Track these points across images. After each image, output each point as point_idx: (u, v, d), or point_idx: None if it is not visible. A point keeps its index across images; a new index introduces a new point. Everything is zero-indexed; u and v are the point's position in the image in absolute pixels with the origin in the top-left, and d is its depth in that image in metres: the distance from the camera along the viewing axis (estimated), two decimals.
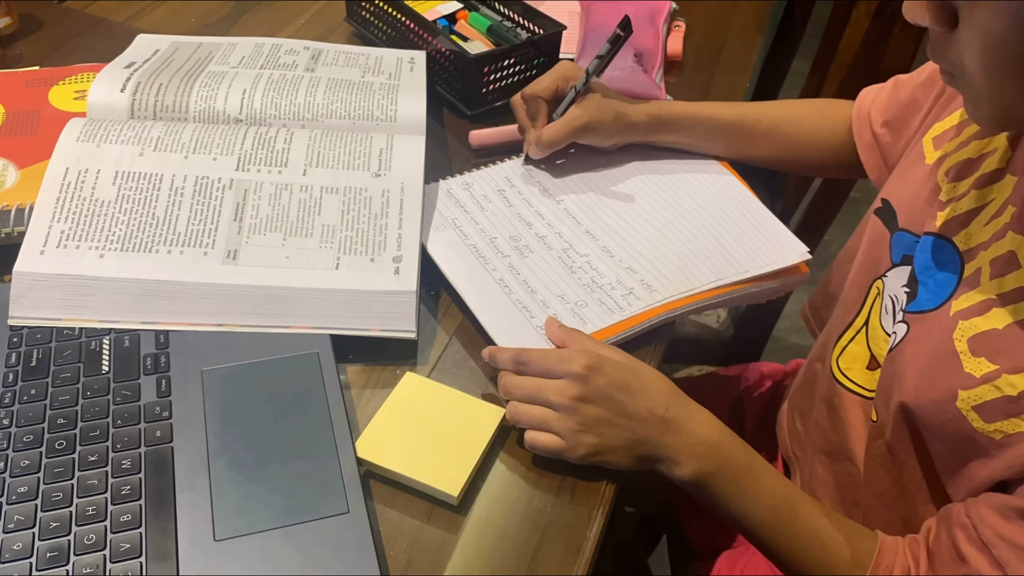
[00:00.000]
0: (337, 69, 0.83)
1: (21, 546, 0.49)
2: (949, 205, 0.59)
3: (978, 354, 0.52)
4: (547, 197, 0.77)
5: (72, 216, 0.64)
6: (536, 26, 0.92)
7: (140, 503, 0.52)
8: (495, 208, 0.76)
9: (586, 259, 0.71)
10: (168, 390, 0.58)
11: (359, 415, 0.60)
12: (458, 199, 0.76)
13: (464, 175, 0.80)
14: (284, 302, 0.63)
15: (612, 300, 0.67)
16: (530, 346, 0.61)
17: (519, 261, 0.70)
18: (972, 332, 0.53)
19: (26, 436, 0.55)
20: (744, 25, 1.11)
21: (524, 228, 0.74)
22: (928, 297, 0.57)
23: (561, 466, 0.58)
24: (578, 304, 0.66)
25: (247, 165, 0.70)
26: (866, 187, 0.79)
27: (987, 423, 0.51)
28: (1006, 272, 0.52)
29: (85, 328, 0.62)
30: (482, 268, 0.69)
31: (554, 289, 0.68)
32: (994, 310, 0.52)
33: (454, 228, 0.73)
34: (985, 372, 0.51)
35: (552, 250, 0.72)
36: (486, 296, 0.67)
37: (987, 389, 0.51)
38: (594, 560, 0.54)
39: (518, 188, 0.78)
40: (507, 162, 0.82)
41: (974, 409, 0.51)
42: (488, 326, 0.64)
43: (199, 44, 0.86)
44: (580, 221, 0.75)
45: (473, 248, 0.71)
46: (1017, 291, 0.51)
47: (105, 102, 0.75)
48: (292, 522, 0.51)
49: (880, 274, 0.65)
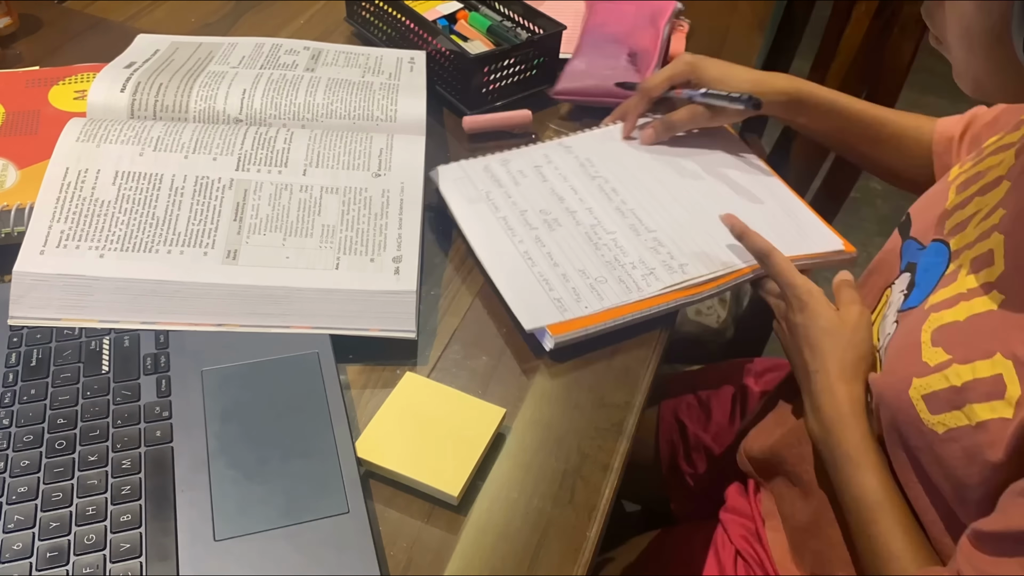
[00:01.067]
0: (337, 69, 0.83)
1: (21, 546, 0.49)
2: (954, 213, 0.60)
3: (936, 344, 0.53)
4: (583, 173, 0.80)
5: (72, 216, 0.64)
6: (536, 26, 0.92)
7: (140, 503, 0.52)
8: (529, 183, 0.78)
9: (612, 237, 0.73)
10: (168, 390, 0.58)
11: (359, 415, 0.60)
12: (494, 174, 0.79)
13: (504, 152, 0.82)
14: (284, 302, 0.63)
15: (632, 279, 0.68)
16: (546, 319, 0.65)
17: (546, 234, 0.72)
18: (937, 324, 0.54)
19: (26, 436, 0.55)
20: (744, 25, 1.11)
21: (556, 202, 0.76)
22: (916, 295, 0.59)
23: (561, 466, 0.58)
24: (598, 280, 0.68)
25: (247, 165, 0.70)
26: (866, 187, 0.80)
27: (932, 415, 0.52)
28: (981, 269, 0.53)
29: (85, 328, 0.62)
30: (508, 240, 0.72)
31: (576, 263, 0.69)
32: (961, 304, 0.53)
33: (487, 201, 0.75)
34: (939, 362, 0.52)
35: (580, 225, 0.74)
36: (509, 268, 0.69)
37: (937, 379, 0.52)
38: (594, 560, 0.54)
39: (555, 164, 0.81)
40: (547, 142, 0.84)
41: (923, 399, 0.53)
42: (507, 295, 0.67)
43: (199, 44, 0.86)
44: (611, 198, 0.77)
45: (503, 220, 0.74)
46: (985, 286, 0.52)
47: (105, 102, 0.75)
48: (292, 522, 0.51)
49: (891, 282, 0.67)
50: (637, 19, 0.98)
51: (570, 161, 0.81)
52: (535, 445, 0.60)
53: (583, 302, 0.66)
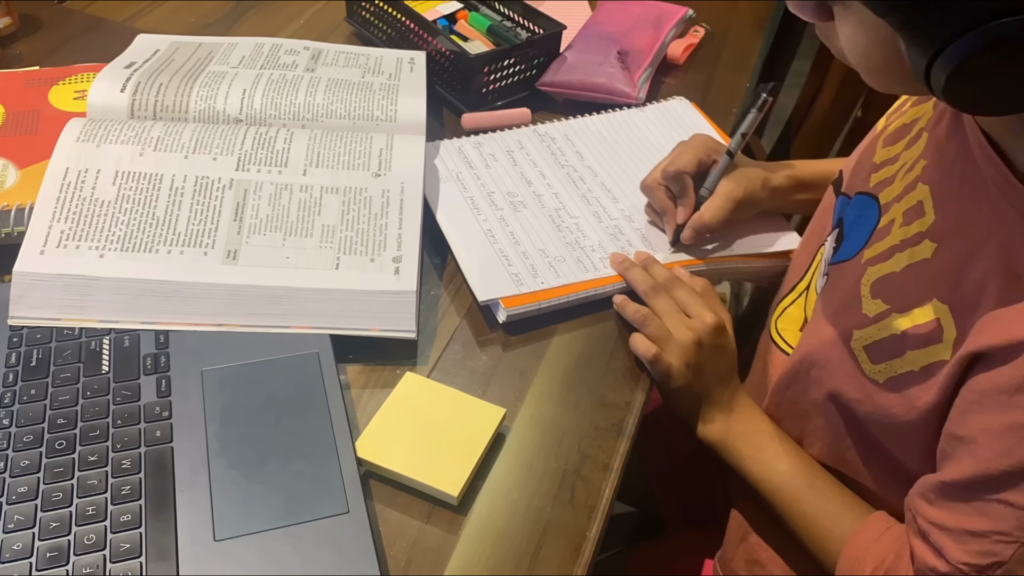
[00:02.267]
0: (337, 69, 0.83)
1: (21, 546, 0.49)
2: (882, 168, 0.61)
3: (876, 296, 0.55)
4: (553, 160, 0.82)
5: (72, 216, 0.64)
6: (536, 26, 0.93)
7: (140, 503, 0.52)
8: (500, 167, 0.80)
9: (575, 221, 0.75)
10: (168, 390, 0.58)
11: (359, 415, 0.60)
12: (466, 155, 0.81)
13: (478, 135, 0.84)
14: (284, 302, 0.63)
15: (590, 261, 0.71)
16: (500, 292, 0.67)
17: (511, 215, 0.75)
18: (875, 276, 0.56)
19: (26, 436, 0.55)
20: (744, 25, 1.11)
21: (524, 186, 0.78)
22: (847, 248, 0.60)
23: (561, 466, 0.58)
24: (556, 259, 0.71)
25: (247, 165, 0.70)
26: None
27: (874, 364, 0.54)
28: (913, 220, 0.54)
29: (85, 328, 0.62)
30: (473, 218, 0.74)
31: (537, 243, 0.72)
32: (896, 255, 0.55)
33: (456, 181, 0.77)
34: (878, 312, 0.54)
35: (545, 208, 0.76)
36: (470, 243, 0.71)
37: (876, 329, 0.54)
38: (594, 560, 0.54)
39: (527, 150, 0.83)
40: (522, 128, 0.86)
41: (864, 349, 0.54)
42: (467, 270, 0.69)
43: (199, 44, 0.86)
44: (578, 186, 0.79)
45: (470, 200, 0.76)
46: (918, 235, 0.53)
47: (105, 102, 0.75)
48: (292, 522, 0.51)
49: (823, 239, 0.67)
50: (639, 20, 0.98)
51: (542, 148, 0.83)
52: (535, 445, 0.60)
53: (540, 278, 0.69)
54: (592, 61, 0.91)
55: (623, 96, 0.89)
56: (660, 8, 1.01)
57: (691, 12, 1.03)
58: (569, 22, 0.97)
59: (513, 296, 0.67)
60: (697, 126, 0.87)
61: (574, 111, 0.90)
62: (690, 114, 0.90)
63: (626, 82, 0.90)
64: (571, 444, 0.60)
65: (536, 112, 0.89)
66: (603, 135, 0.86)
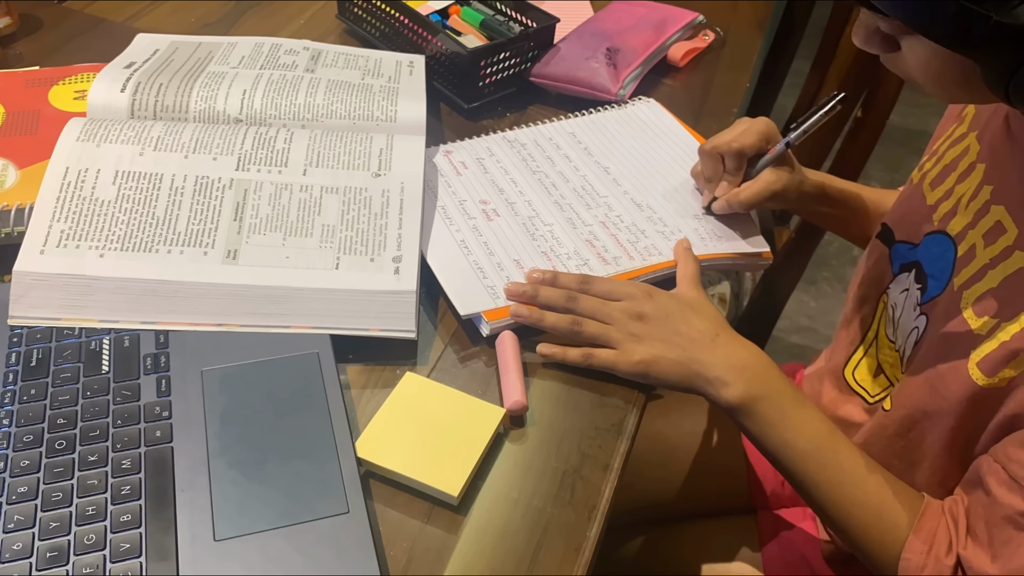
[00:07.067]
0: (337, 71, 0.83)
1: (21, 546, 0.49)
2: (939, 206, 0.63)
3: (981, 315, 0.56)
4: (525, 167, 0.81)
5: (72, 216, 0.64)
6: (528, 19, 0.93)
7: (140, 503, 0.52)
8: (470, 174, 0.79)
9: (549, 228, 0.74)
10: (168, 390, 0.58)
11: (359, 415, 0.60)
12: (436, 165, 0.80)
13: (447, 144, 0.83)
14: (284, 302, 0.63)
15: (565, 269, 0.70)
16: (480, 306, 0.65)
17: (484, 224, 0.74)
18: (973, 297, 0.57)
19: (26, 436, 0.55)
20: (744, 25, 1.11)
21: (495, 193, 0.77)
22: (935, 285, 0.62)
23: (561, 466, 0.58)
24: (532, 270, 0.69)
25: (247, 165, 0.70)
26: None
27: (989, 377, 0.54)
28: (996, 238, 0.56)
29: (85, 328, 0.62)
30: (446, 228, 0.73)
31: (512, 253, 0.71)
32: (989, 273, 0.56)
33: (427, 190, 0.76)
34: (990, 327, 0.55)
35: (518, 216, 0.75)
36: (445, 255, 0.70)
37: (990, 343, 0.55)
38: (594, 560, 0.54)
39: (498, 157, 0.82)
40: (492, 135, 0.85)
41: (978, 366, 0.55)
42: (443, 282, 0.68)
43: (199, 44, 0.86)
44: (551, 192, 0.78)
45: (441, 209, 0.75)
46: (1005, 250, 0.56)
47: (105, 102, 0.75)
48: (292, 522, 0.51)
49: (884, 288, 0.69)
50: (641, 21, 0.98)
51: (512, 154, 0.82)
52: (535, 445, 0.60)
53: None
54: (579, 56, 0.91)
55: (604, 91, 0.89)
56: (668, 11, 1.01)
57: (701, 17, 1.03)
58: (569, 22, 0.98)
59: (493, 309, 0.65)
60: (667, 127, 0.87)
61: (566, 105, 0.90)
62: (660, 115, 0.89)
63: (609, 78, 0.90)
64: (571, 444, 0.60)
65: (531, 106, 0.90)
66: (575, 139, 0.85)
